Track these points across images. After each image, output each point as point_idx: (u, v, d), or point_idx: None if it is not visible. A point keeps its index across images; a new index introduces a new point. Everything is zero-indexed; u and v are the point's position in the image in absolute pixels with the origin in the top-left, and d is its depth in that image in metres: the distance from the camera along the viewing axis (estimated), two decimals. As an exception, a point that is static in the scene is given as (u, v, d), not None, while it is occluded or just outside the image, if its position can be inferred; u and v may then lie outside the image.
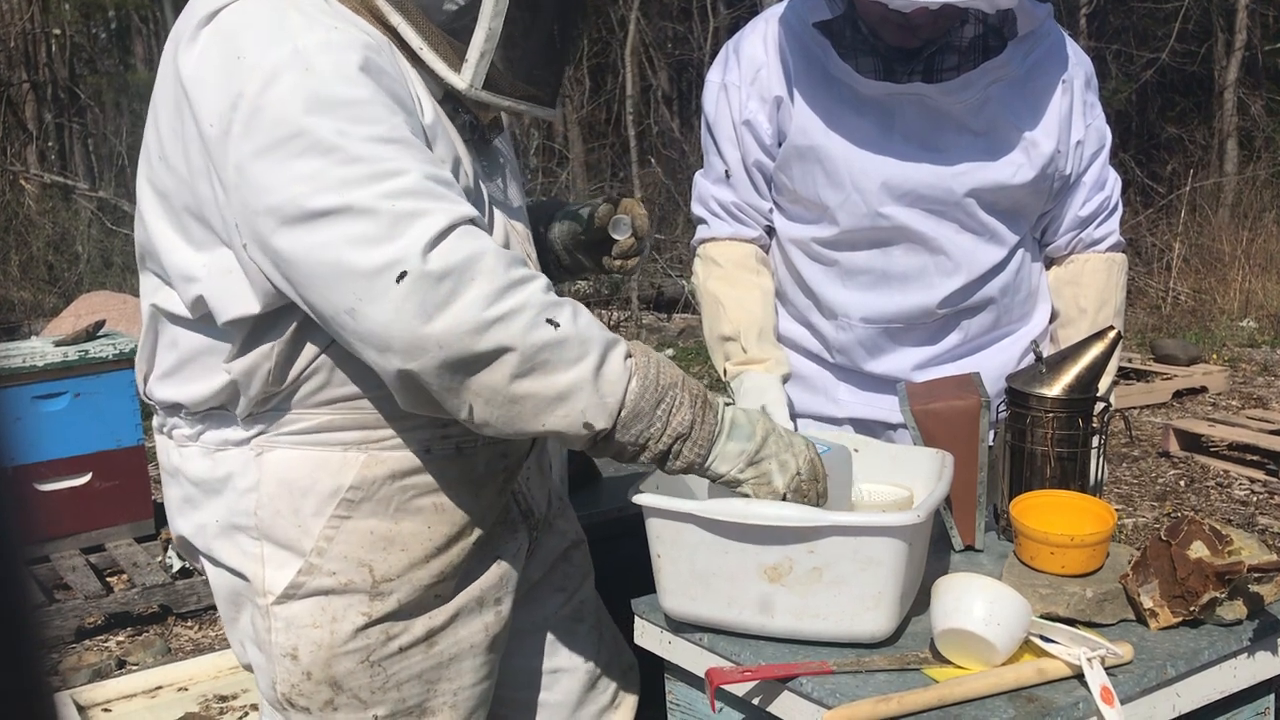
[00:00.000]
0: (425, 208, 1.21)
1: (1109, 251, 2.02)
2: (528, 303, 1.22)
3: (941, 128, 1.85)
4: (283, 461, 1.42)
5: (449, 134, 1.40)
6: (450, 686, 1.52)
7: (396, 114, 1.26)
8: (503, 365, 1.22)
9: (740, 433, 1.37)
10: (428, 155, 1.28)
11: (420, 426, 1.42)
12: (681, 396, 1.32)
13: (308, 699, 1.46)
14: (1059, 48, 1.89)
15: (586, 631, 1.74)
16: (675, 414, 1.32)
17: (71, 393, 4.10)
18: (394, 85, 1.29)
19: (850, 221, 1.90)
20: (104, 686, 2.99)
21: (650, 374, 1.30)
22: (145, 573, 3.99)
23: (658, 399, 1.30)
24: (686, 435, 1.33)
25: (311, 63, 1.23)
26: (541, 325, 1.22)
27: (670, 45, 12.54)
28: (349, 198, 1.19)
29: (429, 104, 1.38)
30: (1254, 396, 6.44)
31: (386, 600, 1.44)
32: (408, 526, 1.44)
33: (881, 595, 1.40)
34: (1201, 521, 1.46)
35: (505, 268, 1.22)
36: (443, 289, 1.19)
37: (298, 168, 1.21)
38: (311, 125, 1.21)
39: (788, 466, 1.38)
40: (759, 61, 1.92)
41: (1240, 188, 10.99)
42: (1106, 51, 11.57)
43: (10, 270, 10.24)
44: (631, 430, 1.30)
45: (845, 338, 1.98)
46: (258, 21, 1.27)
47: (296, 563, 1.42)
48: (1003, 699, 1.31)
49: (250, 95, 1.22)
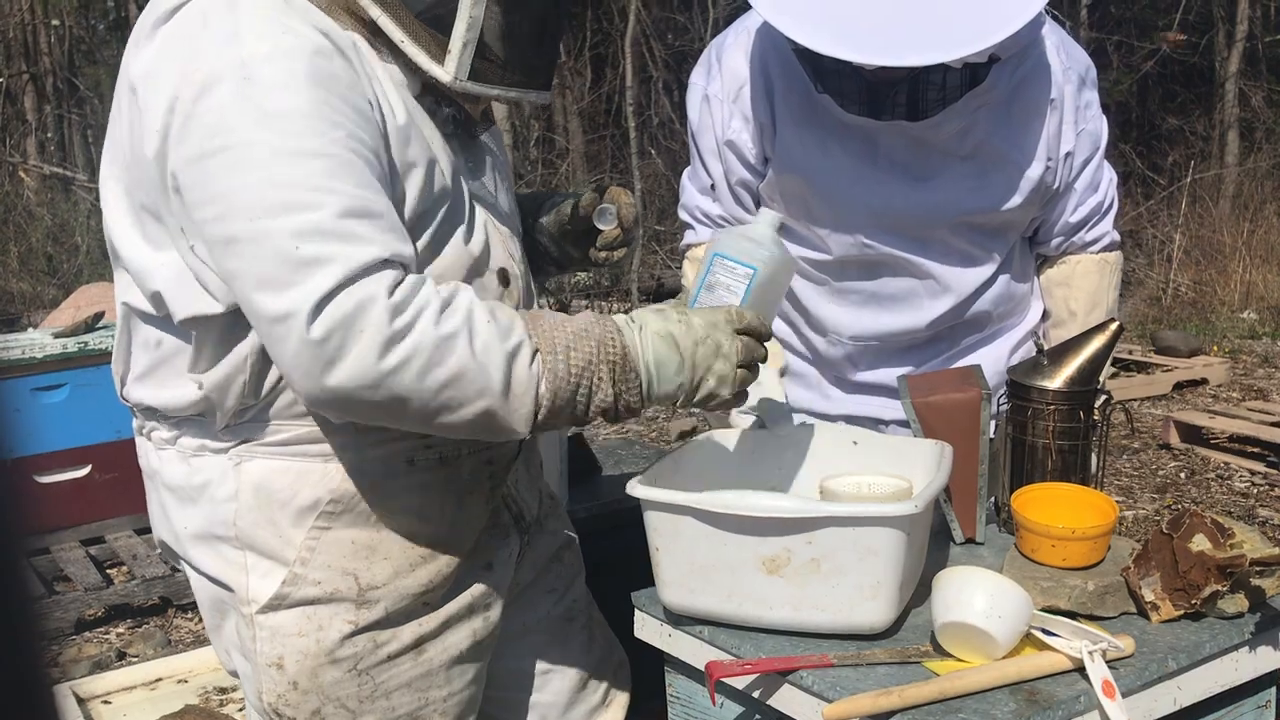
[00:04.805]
0: (328, 254, 1.17)
1: (1102, 252, 1.99)
2: (417, 348, 1.20)
3: (927, 155, 1.82)
4: (262, 472, 1.40)
5: (424, 133, 1.37)
6: (439, 694, 1.50)
7: (338, 128, 1.22)
8: (407, 408, 1.23)
9: (667, 371, 1.35)
10: (361, 175, 1.23)
11: (402, 438, 1.39)
12: (598, 373, 1.31)
13: (294, 709, 1.44)
14: (1045, 60, 1.83)
15: (578, 631, 1.72)
16: (595, 394, 1.32)
17: (71, 384, 4.10)
18: (348, 93, 1.25)
19: (840, 250, 1.89)
20: (104, 678, 2.99)
21: (560, 369, 1.28)
22: (145, 565, 3.99)
23: (573, 389, 1.30)
24: (613, 406, 1.33)
25: (252, 72, 1.20)
26: (434, 368, 1.21)
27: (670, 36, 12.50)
28: (260, 226, 1.18)
29: (400, 104, 1.34)
30: (1254, 388, 6.44)
31: (373, 609, 1.43)
32: (391, 536, 1.43)
33: (880, 586, 1.40)
34: (1203, 514, 1.46)
35: (391, 317, 1.18)
36: (329, 347, 1.18)
37: (221, 183, 1.20)
38: (240, 139, 1.19)
39: (725, 377, 1.37)
40: (741, 78, 1.88)
41: (1241, 179, 10.98)
42: (1107, 42, 11.55)
43: (9, 262, 10.23)
44: (558, 419, 1.31)
45: (835, 352, 1.98)
46: (210, 23, 1.24)
47: (281, 572, 1.41)
48: (1004, 692, 1.31)
49: (186, 100, 1.22)
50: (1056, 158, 1.85)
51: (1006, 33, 1.60)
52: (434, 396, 1.22)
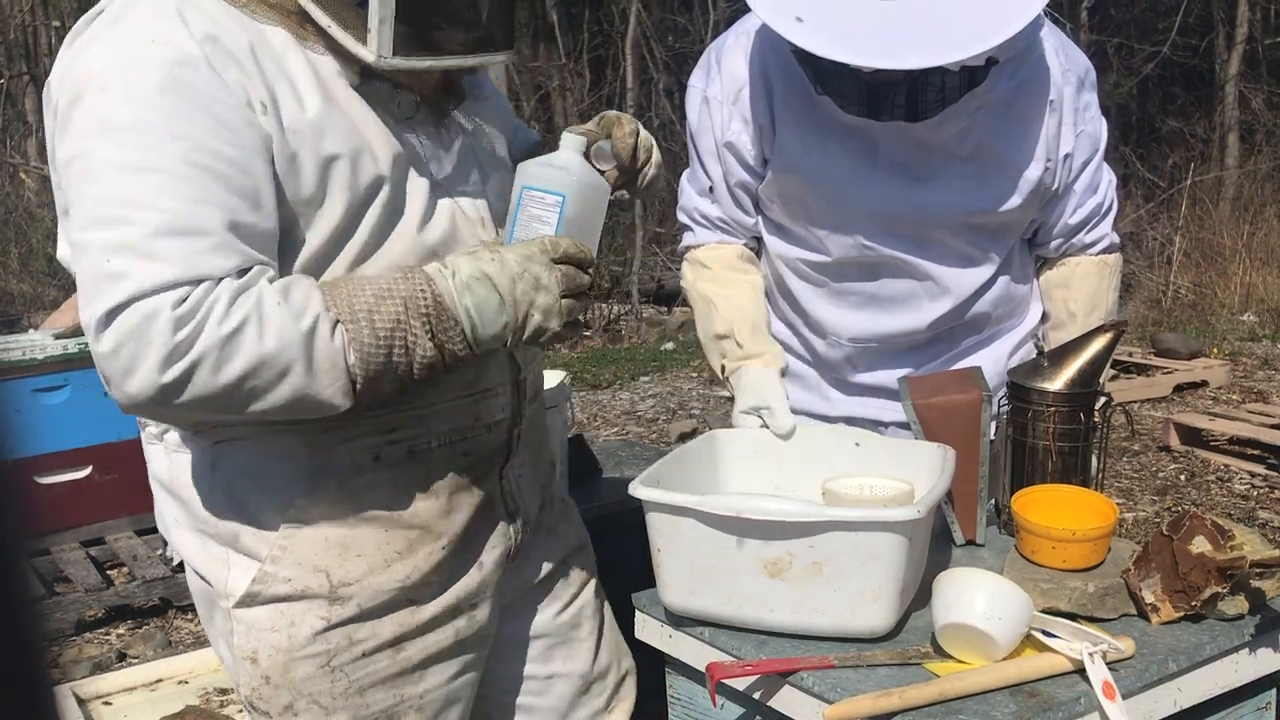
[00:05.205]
0: (126, 270, 1.19)
1: (1102, 254, 1.99)
2: (203, 352, 1.20)
3: (927, 156, 1.82)
4: (235, 469, 1.40)
5: (355, 122, 1.33)
6: (414, 690, 1.49)
7: (181, 140, 1.21)
8: (213, 404, 1.24)
9: (488, 313, 1.31)
10: (199, 189, 1.22)
11: (365, 434, 1.39)
12: (411, 330, 1.28)
13: (267, 703, 1.44)
14: (1044, 62, 1.83)
15: (584, 638, 1.71)
16: (415, 350, 1.29)
17: (71, 385, 4.10)
18: (209, 103, 1.23)
19: (839, 251, 1.88)
20: (104, 679, 2.99)
21: (364, 335, 1.26)
22: (145, 566, 3.99)
23: (385, 351, 1.27)
24: (439, 358, 1.30)
25: (108, 83, 1.22)
26: (225, 365, 1.21)
27: (671, 38, 12.51)
28: (86, 237, 1.22)
29: (317, 96, 1.30)
30: (1254, 390, 6.44)
31: (346, 605, 1.42)
32: (365, 532, 1.42)
33: (881, 590, 1.40)
34: (1204, 516, 1.46)
35: (174, 330, 1.19)
36: (121, 360, 1.20)
37: (73, 191, 1.23)
38: (87, 149, 1.22)
39: (549, 309, 1.33)
40: (741, 80, 1.88)
41: (1241, 181, 10.98)
42: (1108, 45, 11.56)
43: (10, 263, 10.23)
44: (382, 384, 1.29)
45: (835, 354, 1.98)
46: (99, 32, 1.26)
47: (255, 569, 1.41)
48: (1004, 694, 1.31)
49: (63, 107, 1.25)
50: (1055, 159, 1.85)
51: (1005, 36, 1.60)
52: (235, 390, 1.22)
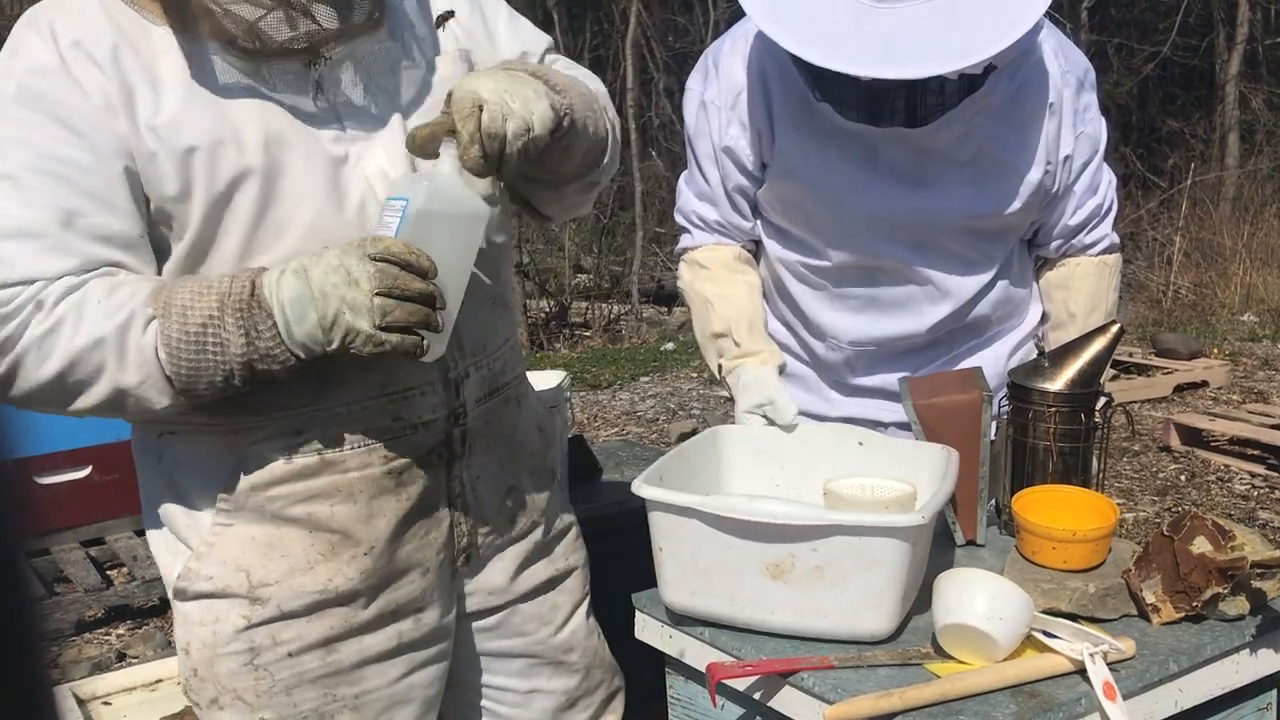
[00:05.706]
0: None
1: (1101, 255, 1.99)
2: (23, 350, 1.24)
3: (927, 161, 1.82)
4: (175, 464, 1.43)
5: (223, 112, 1.29)
6: (350, 691, 1.47)
7: (25, 148, 1.24)
8: (36, 399, 1.29)
9: (300, 308, 1.25)
10: (37, 195, 1.24)
11: (273, 435, 1.39)
12: (224, 325, 1.26)
13: (196, 694, 1.46)
14: (1043, 64, 1.83)
15: (574, 659, 1.69)
16: (228, 345, 1.26)
17: (71, 385, 4.10)
18: (58, 110, 1.25)
19: (839, 256, 1.88)
20: (104, 679, 2.98)
21: (174, 330, 1.25)
22: (145, 566, 3.99)
23: (197, 347, 1.26)
24: (254, 355, 1.27)
25: None
26: (43, 363, 1.25)
27: (671, 38, 12.51)
28: None
29: (181, 90, 1.28)
30: (1255, 391, 6.44)
31: (265, 605, 1.42)
32: (290, 533, 1.42)
33: (883, 595, 1.40)
34: (1204, 517, 1.46)
35: None
36: None
37: None
38: None
39: (358, 305, 1.24)
40: (739, 84, 1.87)
41: (1241, 182, 10.99)
42: (1108, 45, 11.56)
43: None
44: (200, 382, 1.28)
45: (834, 357, 1.98)
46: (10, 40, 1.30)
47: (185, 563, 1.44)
48: (1005, 694, 1.31)
49: None
50: (1055, 161, 1.85)
51: (1004, 44, 1.60)
52: (58, 385, 1.27)
